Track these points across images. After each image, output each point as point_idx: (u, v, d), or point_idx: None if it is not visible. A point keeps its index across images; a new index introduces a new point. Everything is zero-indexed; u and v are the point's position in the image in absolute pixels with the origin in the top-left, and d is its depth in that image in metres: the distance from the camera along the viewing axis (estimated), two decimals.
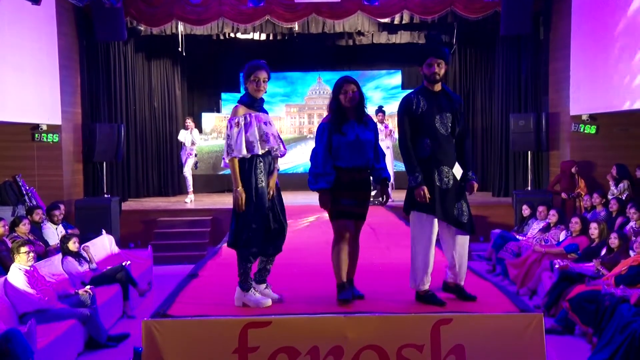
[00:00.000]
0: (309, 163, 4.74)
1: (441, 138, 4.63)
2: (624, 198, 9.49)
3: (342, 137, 4.58)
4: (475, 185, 4.84)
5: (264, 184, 4.59)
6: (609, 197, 9.71)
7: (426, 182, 4.57)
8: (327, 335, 4.28)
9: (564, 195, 10.72)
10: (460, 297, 4.72)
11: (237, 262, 4.65)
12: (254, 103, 4.65)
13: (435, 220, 4.59)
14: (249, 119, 4.58)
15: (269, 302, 4.63)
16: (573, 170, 10.68)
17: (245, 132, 4.54)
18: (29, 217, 8.84)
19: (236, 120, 4.57)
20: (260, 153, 4.57)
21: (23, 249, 6.42)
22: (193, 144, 12.78)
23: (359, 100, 4.67)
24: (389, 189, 12.21)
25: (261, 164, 4.60)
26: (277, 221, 4.72)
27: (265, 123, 4.63)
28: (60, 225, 9.39)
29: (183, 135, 12.80)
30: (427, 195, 4.52)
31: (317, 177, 4.61)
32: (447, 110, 4.66)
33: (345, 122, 4.62)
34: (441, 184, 4.60)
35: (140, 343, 4.34)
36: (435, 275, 4.74)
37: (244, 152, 4.53)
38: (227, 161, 4.59)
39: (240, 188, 4.53)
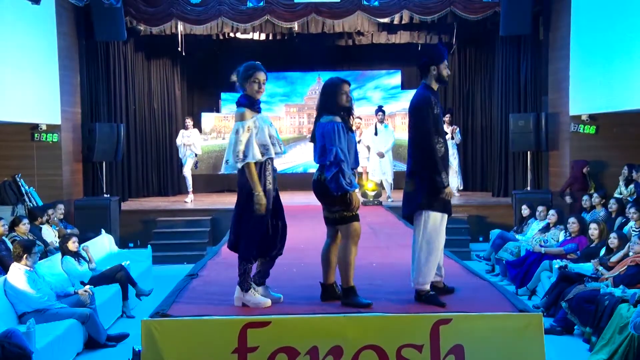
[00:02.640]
0: (314, 163, 4.65)
1: (445, 139, 4.69)
2: (631, 199, 9.40)
3: (349, 138, 4.58)
4: None
5: (271, 186, 4.58)
6: (617, 196, 9.61)
7: None
8: (326, 335, 4.28)
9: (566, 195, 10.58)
10: (448, 293, 4.81)
11: (238, 263, 4.64)
12: (254, 105, 4.63)
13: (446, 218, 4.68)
14: (257, 123, 4.55)
15: (269, 302, 4.63)
16: (584, 170, 10.60)
17: (258, 136, 4.52)
18: (39, 218, 8.89)
19: (247, 125, 4.50)
20: (273, 156, 4.58)
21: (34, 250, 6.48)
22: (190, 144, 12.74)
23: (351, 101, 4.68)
24: (390, 189, 12.22)
25: (269, 166, 4.60)
26: (279, 223, 4.72)
27: (270, 125, 4.63)
28: (59, 224, 9.40)
29: (181, 139, 12.73)
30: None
31: (350, 177, 4.48)
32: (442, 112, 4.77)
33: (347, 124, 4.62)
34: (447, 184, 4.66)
35: (139, 343, 4.33)
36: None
37: (259, 156, 4.49)
38: (239, 166, 4.48)
39: (261, 192, 4.47)
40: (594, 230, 7.94)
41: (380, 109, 12.01)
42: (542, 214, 9.62)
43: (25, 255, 6.40)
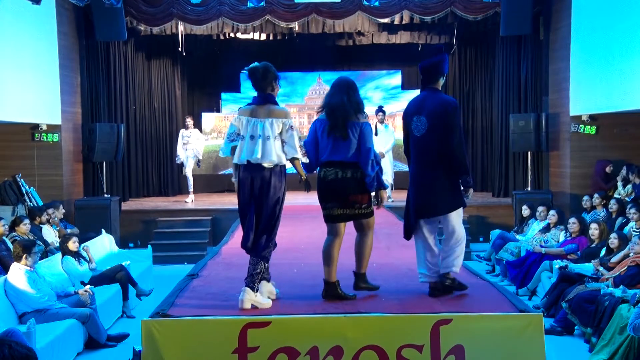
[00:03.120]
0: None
1: None
2: (629, 199, 9.39)
3: None
4: None
5: None
6: (616, 196, 9.60)
7: None
8: (326, 336, 4.28)
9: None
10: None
11: (256, 263, 4.60)
12: None
13: None
14: None
15: (270, 303, 4.65)
16: (607, 170, 10.54)
17: None
18: (38, 217, 8.87)
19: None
20: None
21: (34, 249, 6.47)
22: (188, 143, 12.74)
23: None
24: (390, 189, 12.23)
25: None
26: None
27: None
28: (59, 224, 9.40)
29: (181, 139, 12.74)
30: None
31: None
32: None
33: None
34: None
35: (139, 343, 4.34)
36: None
37: None
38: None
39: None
40: (594, 230, 7.93)
41: (380, 109, 11.99)
42: (543, 214, 9.62)
43: (25, 255, 6.40)
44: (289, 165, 4.74)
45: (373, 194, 4.81)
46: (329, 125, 4.68)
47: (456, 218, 4.88)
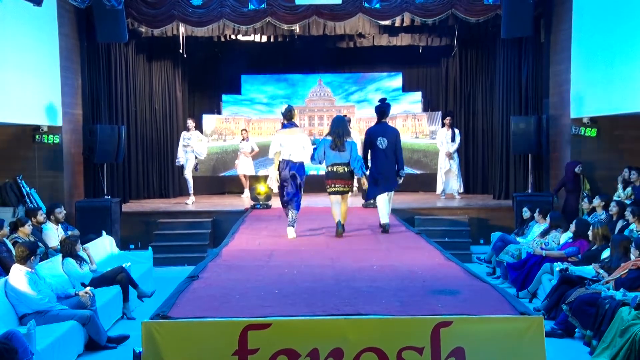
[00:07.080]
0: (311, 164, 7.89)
1: None
2: (629, 202, 9.38)
3: None
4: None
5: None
6: (615, 198, 9.60)
7: None
8: (327, 337, 4.29)
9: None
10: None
11: (292, 211, 8.00)
12: None
13: None
14: None
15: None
16: (576, 170, 10.59)
17: None
18: (32, 219, 8.83)
19: None
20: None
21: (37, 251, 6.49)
22: (188, 145, 12.76)
23: None
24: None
25: None
26: None
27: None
28: (60, 226, 9.38)
29: (182, 141, 12.77)
30: None
31: None
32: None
33: None
34: None
35: (140, 344, 4.34)
36: None
37: None
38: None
39: None
40: (589, 232, 7.94)
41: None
42: (539, 216, 9.59)
43: (32, 258, 6.41)
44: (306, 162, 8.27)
45: (357, 179, 9.03)
46: (335, 144, 8.15)
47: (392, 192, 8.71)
